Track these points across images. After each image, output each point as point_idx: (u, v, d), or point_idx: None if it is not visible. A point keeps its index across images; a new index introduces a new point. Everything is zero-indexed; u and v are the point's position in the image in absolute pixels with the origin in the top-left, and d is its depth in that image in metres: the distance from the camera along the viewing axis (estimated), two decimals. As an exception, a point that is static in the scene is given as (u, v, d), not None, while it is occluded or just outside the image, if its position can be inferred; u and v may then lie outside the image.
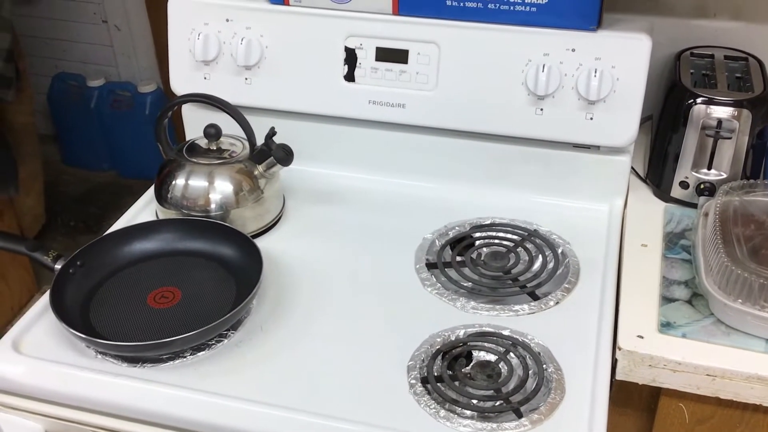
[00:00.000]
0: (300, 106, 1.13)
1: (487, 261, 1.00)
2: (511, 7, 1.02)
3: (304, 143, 1.09)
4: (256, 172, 1.04)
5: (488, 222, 1.07)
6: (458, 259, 1.01)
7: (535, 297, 0.94)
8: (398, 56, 1.07)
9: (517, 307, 0.92)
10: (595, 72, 1.00)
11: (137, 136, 2.64)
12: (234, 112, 1.03)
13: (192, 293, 0.93)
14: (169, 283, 0.94)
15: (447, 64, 1.06)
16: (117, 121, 2.61)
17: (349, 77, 1.10)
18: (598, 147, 1.07)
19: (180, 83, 1.16)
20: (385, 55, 1.08)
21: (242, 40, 1.10)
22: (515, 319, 0.91)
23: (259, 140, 1.05)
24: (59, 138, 2.77)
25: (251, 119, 1.05)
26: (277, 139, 1.04)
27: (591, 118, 1.03)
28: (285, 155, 1.02)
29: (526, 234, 1.04)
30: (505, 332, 0.89)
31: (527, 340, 0.87)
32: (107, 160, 2.74)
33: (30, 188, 2.13)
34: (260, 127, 1.05)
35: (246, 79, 1.13)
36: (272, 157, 1.02)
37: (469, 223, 1.07)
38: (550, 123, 1.05)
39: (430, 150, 1.13)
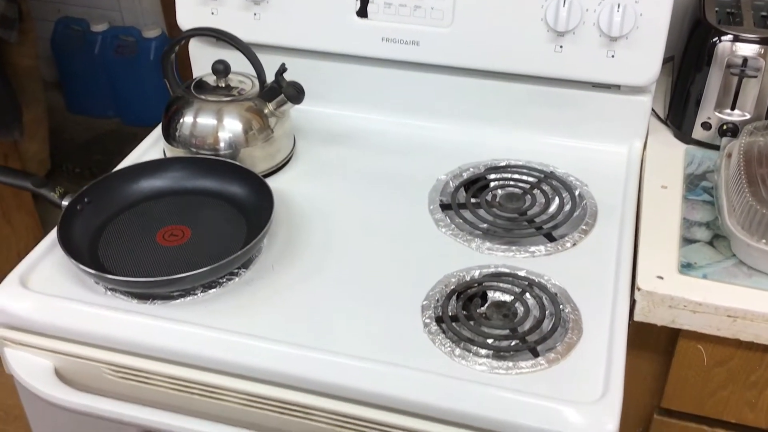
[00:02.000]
0: (310, 43, 1.10)
1: (502, 202, 0.98)
2: (532, -61, 0.98)
3: (314, 82, 1.06)
4: (266, 111, 1.01)
5: (503, 164, 1.05)
6: (473, 200, 0.98)
7: (551, 238, 0.92)
8: (413, -9, 1.04)
9: (533, 249, 0.91)
10: (618, 7, 0.96)
11: (142, 83, 2.60)
12: (243, 47, 1.00)
13: (201, 232, 0.91)
14: (179, 221, 0.92)
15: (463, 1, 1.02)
16: (121, 68, 2.58)
17: (362, 13, 1.06)
18: (618, 87, 1.04)
19: (186, 19, 1.13)
20: (400, -9, 1.04)
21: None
22: (531, 261, 0.89)
23: (269, 78, 1.02)
24: (63, 85, 2.73)
25: (260, 56, 1.02)
26: (286, 78, 1.01)
27: (612, 56, 1.00)
28: (296, 93, 0.99)
29: (543, 176, 1.02)
30: (521, 273, 0.87)
31: (543, 281, 0.86)
32: (111, 108, 2.71)
33: (34, 133, 2.11)
34: (269, 66, 1.02)
35: (255, 14, 1.10)
36: (283, 95, 1.00)
37: (484, 164, 1.05)
38: (570, 61, 1.02)
39: (445, 90, 1.10)
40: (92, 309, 0.82)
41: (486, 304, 0.85)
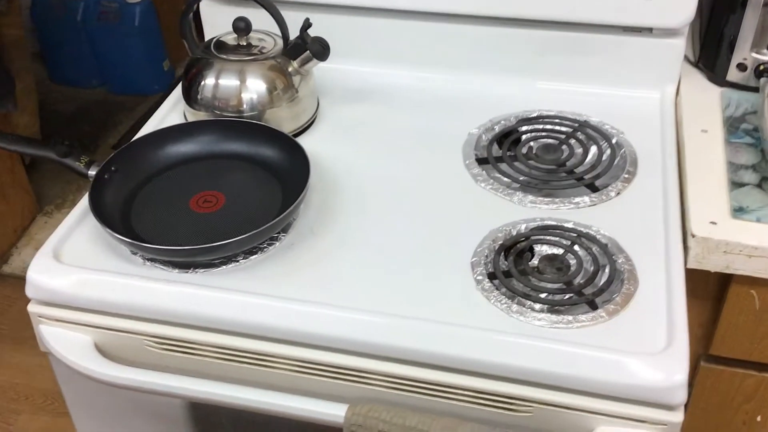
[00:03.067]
0: (331, -3, 1.06)
1: (539, 154, 0.96)
2: None
3: (336, 39, 1.01)
4: (290, 69, 0.97)
5: (535, 114, 1.02)
6: (509, 153, 0.96)
7: (594, 189, 0.90)
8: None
9: (577, 200, 0.88)
10: (653, -54, 0.94)
11: (127, 50, 2.53)
12: (266, 2, 0.96)
13: (236, 197, 0.88)
14: (211, 187, 0.89)
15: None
16: (105, 35, 2.50)
17: (383, -36, 1.02)
18: (650, 30, 1.01)
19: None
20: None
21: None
22: (576, 212, 0.87)
23: (292, 35, 0.98)
24: (45, 55, 2.65)
25: (282, 12, 0.97)
26: (310, 33, 0.97)
27: (646, -1, 0.97)
28: (321, 49, 0.96)
29: (577, 125, 0.99)
30: (569, 225, 0.85)
31: (592, 232, 0.84)
32: (96, 76, 2.64)
33: (25, 105, 2.04)
34: (289, 22, 0.98)
35: (271, -31, 1.05)
36: (308, 51, 0.96)
37: (515, 116, 1.02)
38: (602, 4, 0.98)
39: (469, 41, 1.06)
40: (131, 281, 0.79)
41: (536, 258, 0.83)
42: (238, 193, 0.89)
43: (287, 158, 0.91)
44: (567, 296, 0.78)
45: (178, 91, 1.02)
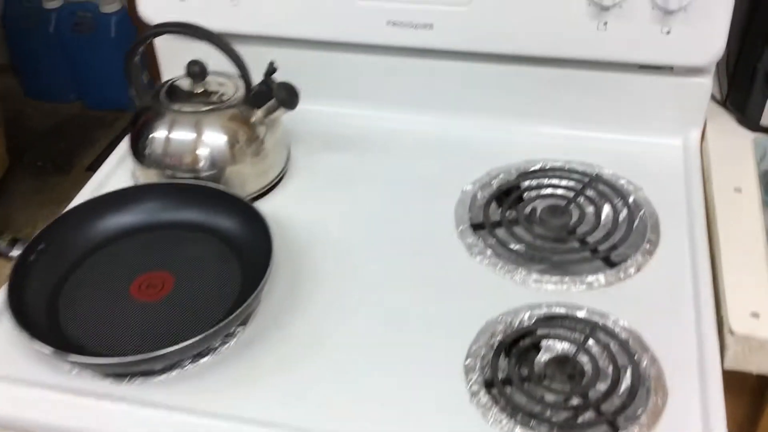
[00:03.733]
0: (302, 30, 0.92)
1: (544, 217, 0.82)
2: None
3: (309, 77, 0.88)
4: (253, 119, 0.84)
5: (539, 166, 0.89)
6: (508, 216, 0.82)
7: (610, 263, 0.77)
8: (422, -37, 0.86)
9: (590, 278, 0.75)
10: (678, -26, 0.80)
11: (103, 63, 2.38)
12: (222, 45, 0.81)
13: (186, 278, 0.74)
14: (157, 265, 0.75)
15: (485, -29, 0.84)
16: (80, 47, 2.35)
17: (362, -8, 0.88)
18: (670, 67, 0.87)
19: (150, 7, 0.94)
20: (406, -38, 0.86)
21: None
22: (590, 294, 0.74)
23: (255, 76, 0.85)
24: (18, 68, 2.51)
25: (242, 50, 0.83)
26: (278, 75, 0.83)
27: (668, 32, 0.83)
28: (289, 96, 0.82)
29: (587, 179, 0.85)
30: (581, 313, 0.71)
31: (610, 324, 0.70)
32: (73, 90, 2.49)
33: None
34: (254, 60, 0.84)
35: (232, -2, 0.91)
36: (274, 100, 0.82)
37: (516, 168, 0.88)
38: (616, 40, 0.84)
39: (464, 79, 0.92)
40: (52, 394, 0.65)
41: (542, 354, 0.69)
42: (190, 274, 0.75)
43: (248, 229, 0.77)
44: (582, 415, 0.64)
45: (125, 144, 0.88)
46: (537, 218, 0.82)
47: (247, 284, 0.71)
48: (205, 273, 0.75)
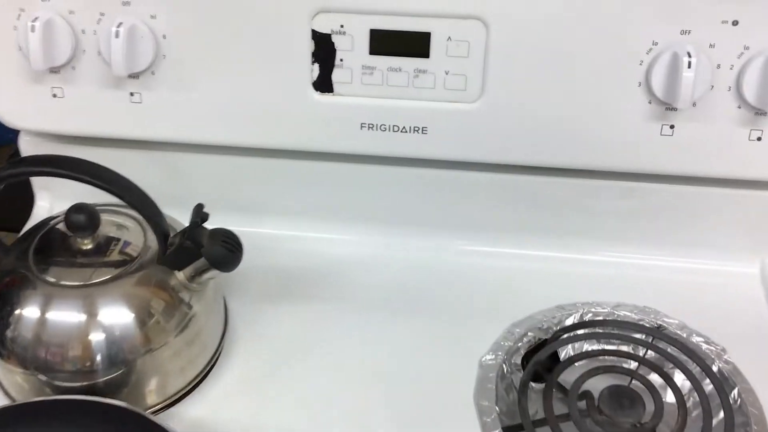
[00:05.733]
0: (234, 136, 0.65)
1: (606, 409, 0.57)
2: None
3: (253, 192, 0.63)
4: (173, 283, 0.56)
5: (578, 316, 0.64)
6: (557, 410, 0.57)
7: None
8: (412, 44, 0.59)
9: None
10: (778, 61, 0.57)
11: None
12: (117, 188, 0.53)
13: None
14: None
15: (500, 56, 0.59)
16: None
17: (323, 84, 0.62)
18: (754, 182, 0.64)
19: (12, 109, 0.65)
20: (388, 42, 0.60)
21: (118, 26, 0.59)
22: None
23: (174, 211, 0.57)
24: None
25: (146, 158, 0.57)
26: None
27: (758, 138, 0.60)
28: (226, 255, 0.54)
29: (650, 338, 0.61)
30: None
31: None
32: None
33: None
34: (165, 170, 0.57)
35: (132, 94, 0.63)
36: (203, 258, 0.55)
37: (549, 320, 0.63)
38: (685, 148, 0.61)
39: (464, 192, 0.67)
40: None
41: None
42: None
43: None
44: None
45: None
46: (596, 407, 0.58)
47: None
48: None
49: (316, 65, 0.61)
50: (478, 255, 0.69)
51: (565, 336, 0.62)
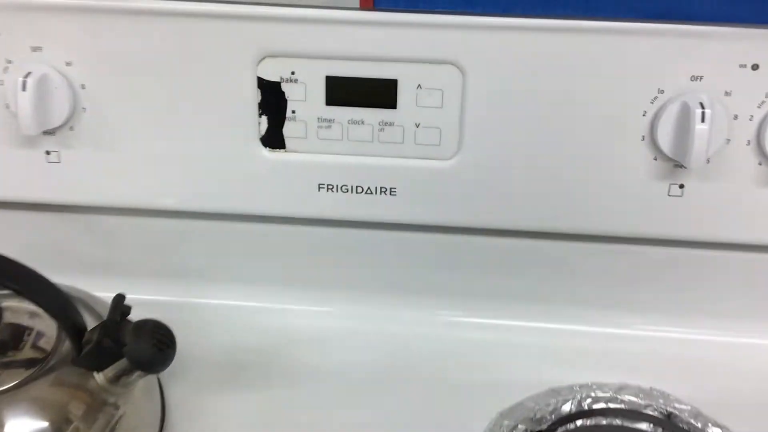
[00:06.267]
0: (169, 200, 0.55)
1: None
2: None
3: (196, 257, 0.54)
4: (92, 386, 0.47)
5: (576, 402, 0.55)
6: None
7: None
8: (376, 93, 0.51)
9: None
10: (809, 112, 0.48)
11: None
12: (21, 282, 0.44)
13: None
14: None
15: (480, 106, 0.50)
16: None
17: (273, 139, 0.52)
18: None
19: None
20: (348, 91, 0.51)
21: (26, 76, 0.50)
22: None
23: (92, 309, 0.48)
24: None
25: (68, 221, 0.48)
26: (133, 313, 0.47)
27: (780, 199, 0.52)
28: (154, 356, 0.45)
29: (659, 428, 0.53)
30: None
31: None
32: None
33: None
34: (91, 235, 0.49)
35: (48, 153, 0.54)
36: (125, 359, 0.45)
37: (541, 407, 0.55)
38: (697, 211, 0.52)
39: (445, 258, 0.58)
40: None
41: None
42: None
43: None
44: None
45: None
46: None
47: None
48: None
49: (264, 117, 0.52)
50: (459, 327, 0.60)
51: (562, 429, 0.54)
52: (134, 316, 0.47)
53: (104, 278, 0.56)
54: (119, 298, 0.46)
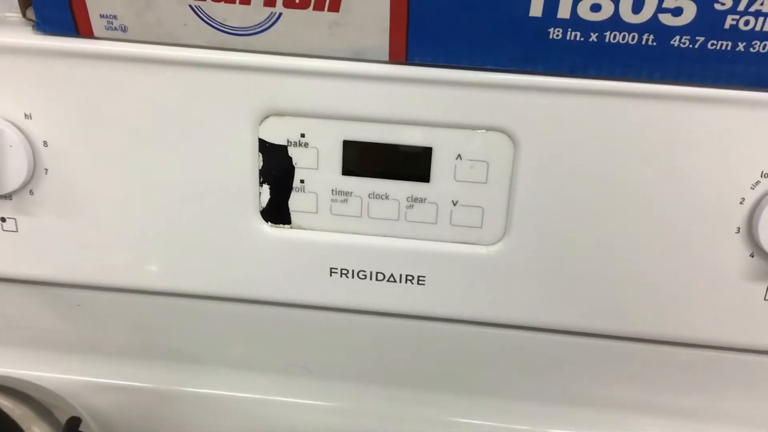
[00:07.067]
0: (148, 280, 0.45)
1: None
2: (736, 47, 0.37)
3: (186, 340, 0.45)
4: None
5: None
6: None
7: None
8: (404, 162, 0.41)
9: None
10: None
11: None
12: None
13: None
14: None
15: (533, 184, 0.40)
16: None
17: (277, 213, 0.43)
18: None
19: None
20: (369, 160, 0.41)
21: (-24, 130, 0.40)
22: None
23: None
24: None
25: (34, 295, 0.42)
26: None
27: None
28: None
29: None
30: None
31: None
32: None
33: None
34: (61, 311, 0.43)
35: (4, 220, 0.44)
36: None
37: None
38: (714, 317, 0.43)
39: (470, 353, 0.48)
40: None
41: None
42: None
43: None
44: None
45: None
46: None
47: None
48: None
49: (266, 187, 0.42)
50: (478, 430, 0.50)
51: None
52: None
53: (78, 354, 0.48)
54: (73, 422, 0.36)
